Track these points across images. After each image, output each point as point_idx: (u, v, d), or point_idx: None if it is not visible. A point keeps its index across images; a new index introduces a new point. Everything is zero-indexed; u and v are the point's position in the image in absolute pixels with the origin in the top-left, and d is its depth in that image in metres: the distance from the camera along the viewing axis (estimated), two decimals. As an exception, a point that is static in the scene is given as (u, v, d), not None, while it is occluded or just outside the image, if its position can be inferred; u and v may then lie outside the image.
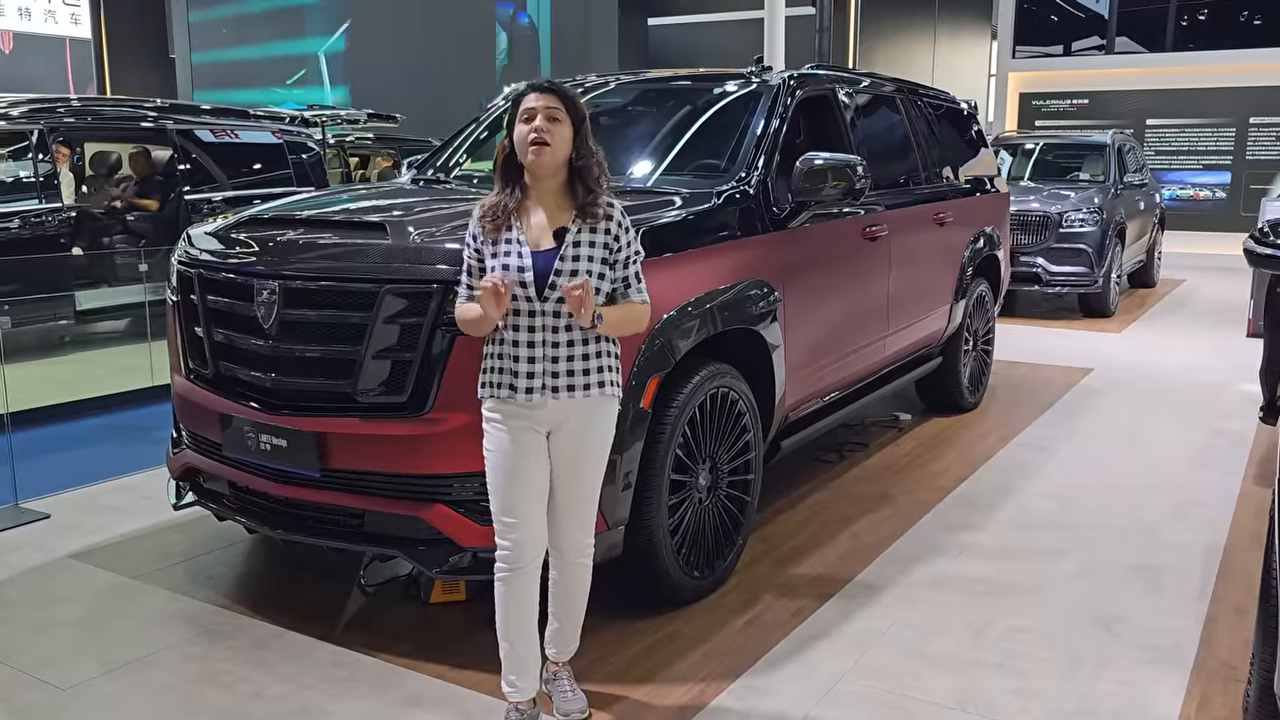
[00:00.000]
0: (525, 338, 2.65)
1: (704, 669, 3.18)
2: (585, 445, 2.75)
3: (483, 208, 2.71)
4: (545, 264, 2.64)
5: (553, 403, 2.67)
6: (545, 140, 2.62)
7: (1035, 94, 16.46)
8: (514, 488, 2.69)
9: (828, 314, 4.48)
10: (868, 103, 5.33)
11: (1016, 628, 3.48)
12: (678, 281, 3.50)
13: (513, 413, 2.68)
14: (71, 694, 3.05)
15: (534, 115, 2.63)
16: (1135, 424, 6.12)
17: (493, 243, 2.67)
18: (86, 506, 4.60)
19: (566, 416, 2.70)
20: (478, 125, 5.19)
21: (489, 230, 2.68)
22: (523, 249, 2.65)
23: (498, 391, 2.68)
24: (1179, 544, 4.22)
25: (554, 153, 2.64)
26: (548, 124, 2.62)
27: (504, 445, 2.69)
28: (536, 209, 2.70)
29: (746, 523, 3.87)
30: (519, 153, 2.66)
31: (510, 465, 2.69)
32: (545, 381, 2.65)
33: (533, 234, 2.68)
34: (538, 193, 2.71)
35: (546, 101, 2.65)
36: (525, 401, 2.65)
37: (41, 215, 7.31)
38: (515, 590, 2.74)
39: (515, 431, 2.68)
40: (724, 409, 3.67)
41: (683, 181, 4.14)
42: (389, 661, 3.22)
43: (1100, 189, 10.16)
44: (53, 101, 7.86)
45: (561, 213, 2.70)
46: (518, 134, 2.66)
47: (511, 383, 2.65)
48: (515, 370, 2.65)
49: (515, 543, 2.71)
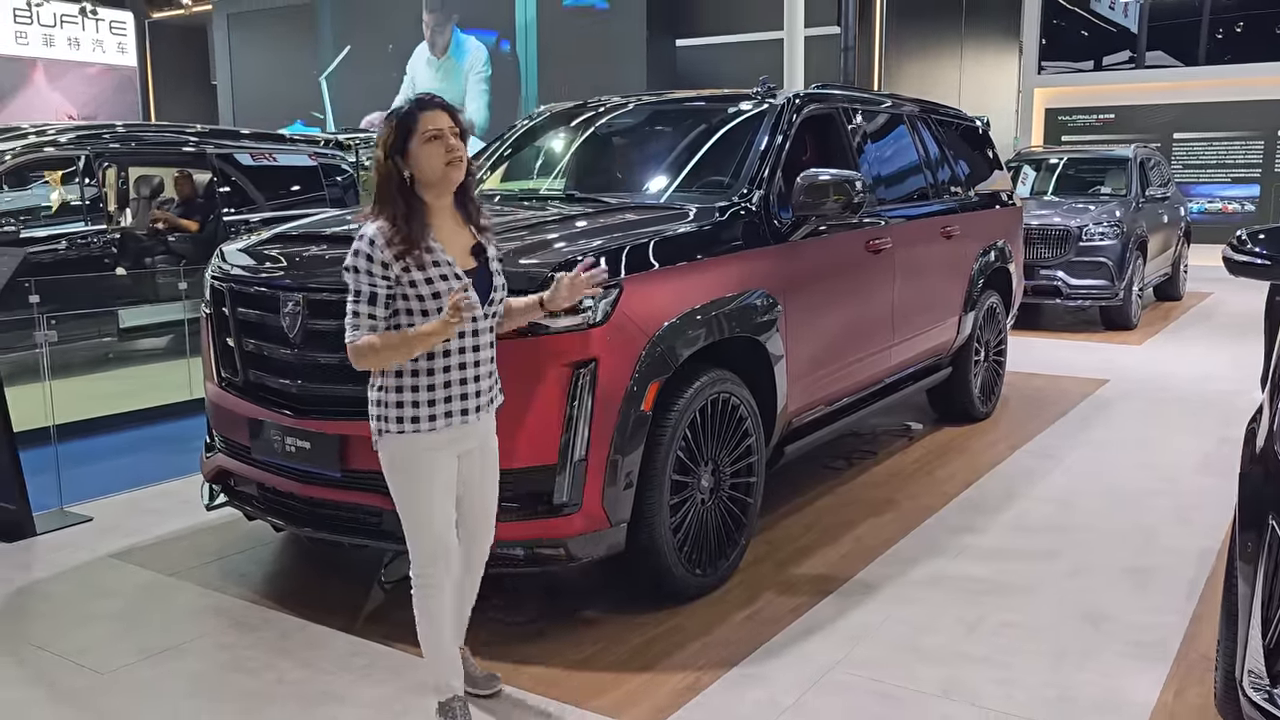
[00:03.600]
0: (471, 358, 2.68)
1: (701, 658, 3.35)
2: (493, 455, 2.89)
3: (385, 233, 2.59)
4: (482, 281, 2.70)
5: (485, 417, 2.77)
6: (462, 157, 2.65)
7: (1061, 109, 16.52)
8: (447, 509, 2.76)
9: (830, 324, 4.64)
10: (873, 120, 5.50)
11: (1006, 623, 3.61)
12: (681, 290, 3.68)
13: (450, 438, 2.69)
14: (109, 678, 3.28)
15: (442, 134, 2.62)
16: (1144, 432, 6.20)
17: (418, 267, 2.58)
18: (127, 510, 4.85)
19: (487, 429, 2.82)
20: (500, 145, 5.42)
21: (412, 256, 2.58)
22: (454, 268, 2.63)
23: (448, 420, 2.66)
24: (1175, 547, 4.32)
25: (465, 168, 2.69)
26: (457, 141, 2.65)
27: (438, 472, 2.70)
28: (441, 229, 2.69)
29: (749, 523, 4.03)
30: (431, 171, 2.62)
31: (442, 489, 2.73)
32: (481, 402, 2.74)
33: (453, 253, 2.67)
34: (437, 212, 2.69)
35: (449, 121, 2.65)
36: (465, 423, 2.69)
37: (87, 236, 7.66)
38: (443, 601, 2.79)
39: (449, 457, 2.72)
40: (725, 414, 3.84)
41: (690, 197, 4.34)
42: (405, 651, 3.41)
43: (1121, 202, 10.23)
44: (99, 128, 8.22)
45: (461, 229, 2.73)
46: (428, 154, 2.61)
47: (463, 407, 2.67)
48: (465, 394, 2.67)
49: (447, 563, 2.78)
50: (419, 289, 2.60)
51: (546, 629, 3.57)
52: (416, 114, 2.64)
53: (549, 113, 5.54)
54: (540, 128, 5.48)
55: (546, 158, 5.31)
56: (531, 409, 3.28)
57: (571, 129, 5.33)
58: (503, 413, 3.26)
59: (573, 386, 3.29)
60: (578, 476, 3.31)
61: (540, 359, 3.28)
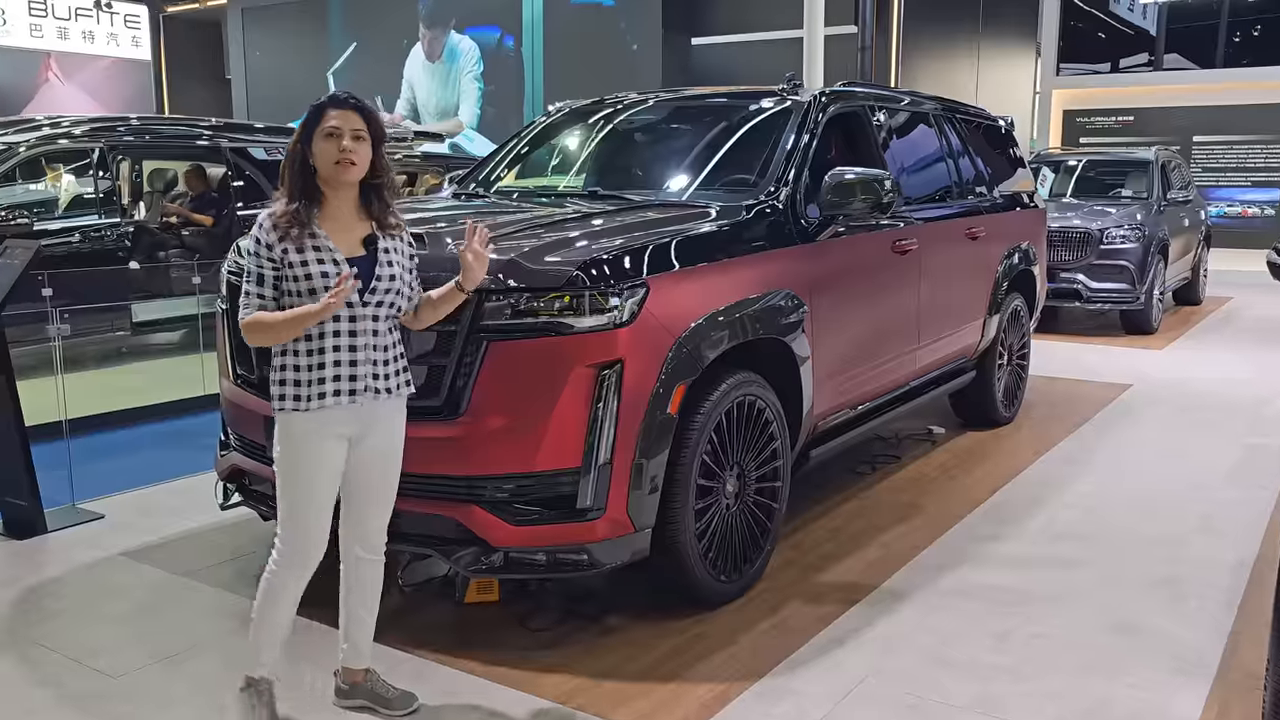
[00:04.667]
0: (348, 342, 2.72)
1: (728, 668, 3.26)
2: (394, 442, 2.88)
3: (274, 216, 2.71)
4: (365, 269, 2.73)
5: (371, 403, 2.77)
6: (353, 160, 2.70)
7: (1079, 111, 16.39)
8: (327, 495, 2.78)
9: (856, 326, 4.56)
10: (899, 118, 5.41)
11: (1037, 635, 3.52)
12: (708, 290, 3.60)
13: (332, 420, 2.73)
14: (121, 682, 3.21)
15: (340, 133, 2.68)
16: (1170, 438, 6.10)
17: (297, 250, 2.68)
18: (139, 508, 4.79)
19: (378, 416, 2.81)
20: (518, 142, 5.34)
21: (291, 238, 2.68)
22: (336, 254, 2.70)
23: (321, 401, 2.70)
24: (1207, 558, 4.23)
25: (359, 171, 2.73)
26: (354, 144, 2.69)
27: (323, 456, 2.75)
28: (334, 218, 2.75)
29: (774, 529, 3.95)
30: (322, 167, 2.71)
31: (327, 474, 2.76)
32: (367, 384, 2.75)
33: (339, 241, 2.73)
34: (335, 202, 2.76)
35: (352, 122, 2.70)
36: (349, 404, 2.73)
37: (101, 230, 7.60)
38: (287, 582, 2.82)
39: (331, 439, 2.75)
40: (751, 417, 3.75)
41: (715, 195, 4.25)
42: (424, 657, 3.34)
43: (1143, 206, 10.11)
44: (113, 121, 8.16)
45: (360, 223, 2.79)
46: (323, 150, 2.69)
47: (337, 389, 2.71)
48: (339, 375, 2.71)
49: (315, 545, 2.81)
50: (295, 270, 2.68)
51: (568, 635, 3.49)
52: (325, 109, 2.72)
53: (568, 109, 5.45)
54: (559, 125, 5.39)
55: (567, 155, 5.22)
56: (555, 411, 3.19)
57: (591, 126, 5.23)
58: (524, 414, 3.21)
59: (598, 388, 3.20)
60: (602, 480, 3.22)
61: (564, 359, 3.20)
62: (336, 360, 2.72)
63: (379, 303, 2.76)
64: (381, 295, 2.76)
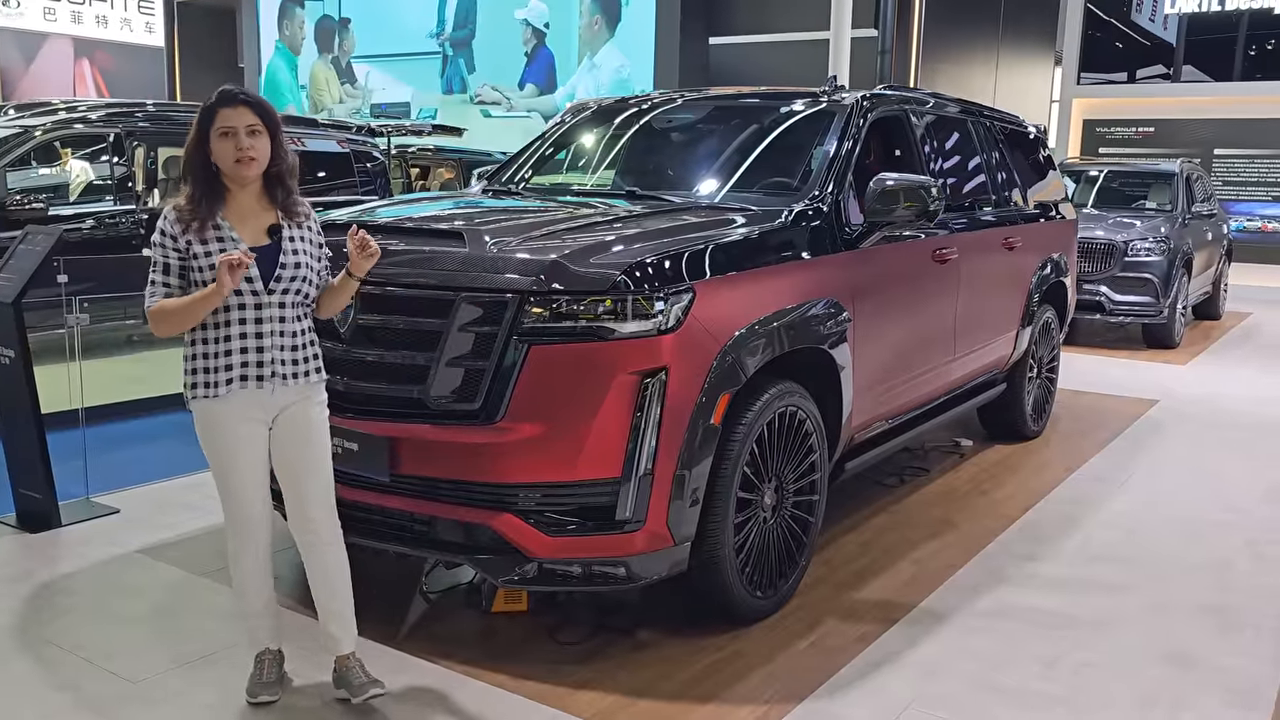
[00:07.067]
0: (253, 329, 2.76)
1: (768, 690, 3.15)
2: (313, 423, 2.89)
3: (179, 209, 2.75)
4: (268, 258, 2.76)
5: (281, 389, 2.80)
6: (253, 156, 2.73)
7: (1100, 120, 16.25)
8: (252, 474, 2.84)
9: (896, 336, 4.44)
10: (938, 124, 5.29)
11: (1086, 663, 3.40)
12: (753, 297, 3.49)
13: (243, 403, 2.77)
14: (140, 687, 3.09)
15: (234, 132, 2.70)
16: (1203, 457, 5.98)
17: (200, 241, 2.71)
18: (156, 503, 4.67)
19: (292, 400, 2.84)
20: (544, 140, 5.22)
21: (194, 230, 2.71)
22: (239, 245, 2.73)
23: (229, 387, 2.75)
24: (1255, 585, 4.11)
25: (259, 166, 2.76)
26: (251, 140, 2.72)
27: (241, 442, 2.80)
28: (239, 209, 2.79)
29: (810, 544, 3.84)
30: (223, 165, 2.73)
31: (247, 456, 2.82)
32: (276, 370, 2.78)
33: (244, 231, 2.77)
34: (239, 195, 2.79)
35: (245, 119, 2.72)
36: (257, 389, 2.77)
37: (115, 216, 7.48)
38: (245, 568, 2.95)
39: (246, 423, 2.80)
40: (791, 428, 3.64)
41: (756, 199, 4.13)
42: (449, 669, 3.23)
43: (1168, 218, 9.98)
44: (129, 106, 8.04)
45: (265, 212, 2.82)
46: (221, 150, 2.71)
47: (243, 374, 2.75)
48: (246, 361, 2.75)
49: (255, 522, 2.90)
50: (200, 261, 2.71)
51: (599, 650, 3.38)
52: (216, 108, 2.73)
53: (595, 106, 5.32)
54: (589, 123, 5.25)
55: (601, 154, 5.08)
56: (596, 418, 3.08)
57: (625, 125, 5.09)
58: (564, 421, 3.09)
59: (640, 395, 3.09)
60: (643, 491, 3.11)
61: (607, 365, 3.09)
62: (243, 347, 2.76)
63: (285, 290, 2.79)
64: (287, 283, 2.79)
